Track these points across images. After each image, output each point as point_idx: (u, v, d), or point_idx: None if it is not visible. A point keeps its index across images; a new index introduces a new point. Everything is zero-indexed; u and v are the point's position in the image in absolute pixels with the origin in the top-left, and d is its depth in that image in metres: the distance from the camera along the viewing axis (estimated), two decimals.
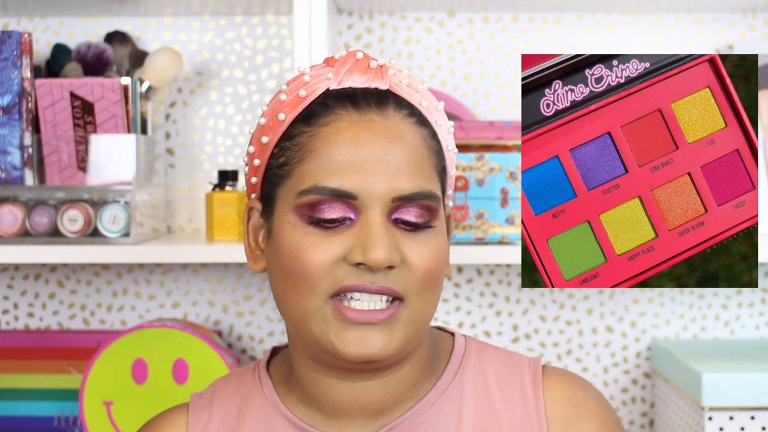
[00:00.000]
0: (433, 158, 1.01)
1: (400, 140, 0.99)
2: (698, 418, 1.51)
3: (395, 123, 0.99)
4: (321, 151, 0.98)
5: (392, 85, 1.01)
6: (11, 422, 1.76)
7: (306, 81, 1.02)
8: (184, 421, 1.09)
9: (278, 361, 1.10)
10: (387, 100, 1.00)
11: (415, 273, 0.98)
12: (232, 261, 1.55)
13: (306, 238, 0.97)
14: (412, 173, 0.98)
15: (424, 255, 0.98)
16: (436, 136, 1.03)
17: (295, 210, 0.98)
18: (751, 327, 1.81)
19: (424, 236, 0.99)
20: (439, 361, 1.07)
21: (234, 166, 1.80)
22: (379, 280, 0.97)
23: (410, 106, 1.01)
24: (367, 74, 1.01)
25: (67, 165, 1.59)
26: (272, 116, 1.02)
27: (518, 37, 1.80)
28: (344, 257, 0.97)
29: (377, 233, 0.96)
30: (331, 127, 0.99)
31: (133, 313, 1.82)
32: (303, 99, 1.01)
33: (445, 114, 1.06)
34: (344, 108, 0.99)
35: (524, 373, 1.07)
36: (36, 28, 1.81)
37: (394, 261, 0.96)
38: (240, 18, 1.81)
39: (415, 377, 1.04)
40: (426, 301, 0.99)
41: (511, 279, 1.81)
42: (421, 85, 1.04)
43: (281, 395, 1.07)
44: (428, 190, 0.99)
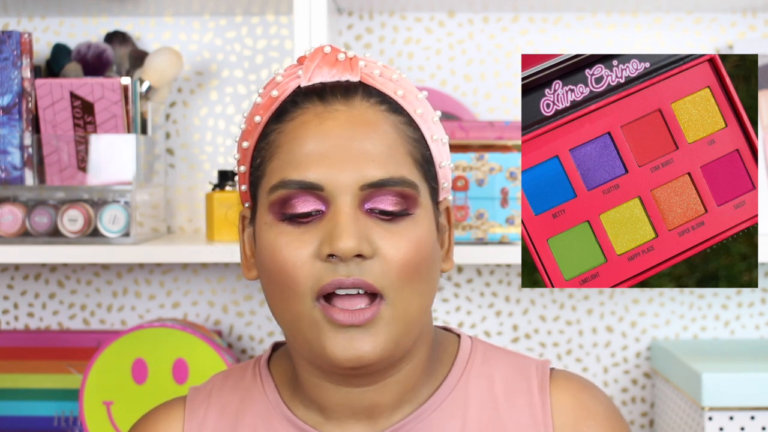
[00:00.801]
0: (407, 145, 0.98)
1: (367, 127, 0.97)
2: (698, 418, 1.51)
3: (362, 111, 0.98)
4: (287, 146, 0.97)
5: (363, 76, 1.00)
6: (11, 422, 1.76)
7: (278, 81, 1.01)
8: (180, 416, 1.07)
9: (279, 358, 1.09)
10: (355, 91, 0.99)
11: (391, 265, 0.95)
12: (232, 261, 1.55)
13: (280, 237, 0.96)
14: (381, 160, 0.96)
15: (400, 245, 0.95)
16: (413, 124, 1.00)
17: (269, 208, 0.97)
18: (751, 327, 1.81)
19: (401, 226, 0.96)
20: (442, 363, 1.05)
21: (234, 166, 1.80)
22: (353, 272, 0.94)
23: (381, 95, 0.99)
24: (336, 67, 0.99)
25: (67, 165, 1.59)
26: (250, 120, 1.02)
27: (518, 37, 1.80)
28: (317, 254, 0.95)
29: (344, 222, 0.94)
30: (296, 121, 0.98)
31: (133, 313, 1.82)
32: (275, 99, 1.00)
33: (429, 103, 1.03)
34: (311, 102, 0.98)
35: (531, 377, 1.05)
36: (36, 28, 1.81)
37: (363, 250, 0.94)
38: (240, 18, 1.81)
39: (414, 379, 1.03)
40: (408, 298, 0.96)
41: (511, 279, 1.81)
42: (396, 74, 1.02)
43: (284, 395, 1.06)
44: (400, 176, 0.96)
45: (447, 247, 1.05)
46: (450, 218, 1.05)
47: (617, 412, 1.06)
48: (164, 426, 1.08)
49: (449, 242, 1.05)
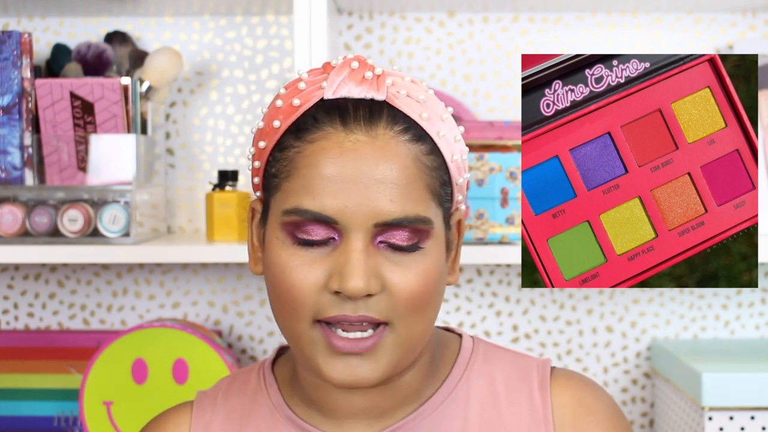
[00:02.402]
0: (426, 178, 0.97)
1: (387, 162, 0.95)
2: (698, 418, 1.51)
3: (384, 142, 0.95)
4: (304, 171, 0.96)
5: (389, 96, 0.97)
6: (11, 422, 1.76)
7: (301, 89, 0.99)
8: (187, 419, 1.08)
9: (284, 360, 1.09)
10: (380, 114, 0.96)
11: (398, 299, 0.95)
12: (232, 261, 1.55)
13: (292, 258, 0.95)
14: (397, 197, 0.94)
15: (409, 280, 0.95)
16: (435, 150, 0.98)
17: (283, 227, 0.96)
18: (751, 327, 1.81)
19: (410, 259, 0.95)
20: (444, 363, 1.06)
21: (234, 166, 1.80)
22: (359, 309, 0.94)
23: (406, 120, 0.97)
24: (362, 85, 0.97)
25: (67, 165, 1.58)
26: (269, 122, 1.00)
27: (518, 37, 1.80)
28: (325, 285, 0.95)
29: (355, 261, 0.93)
30: (316, 146, 0.96)
31: (133, 313, 1.82)
32: (297, 108, 0.98)
33: (453, 120, 1.01)
34: (332, 125, 0.96)
35: (532, 376, 1.05)
36: (36, 28, 1.81)
37: (372, 290, 0.94)
38: (240, 18, 1.80)
39: (417, 383, 1.03)
40: (414, 325, 0.96)
41: (511, 279, 1.81)
42: (424, 94, 0.99)
43: (286, 396, 1.06)
44: (415, 214, 0.95)
45: (453, 259, 1.04)
46: (461, 230, 1.04)
47: (618, 409, 1.06)
48: (173, 428, 1.08)
49: (456, 254, 1.04)
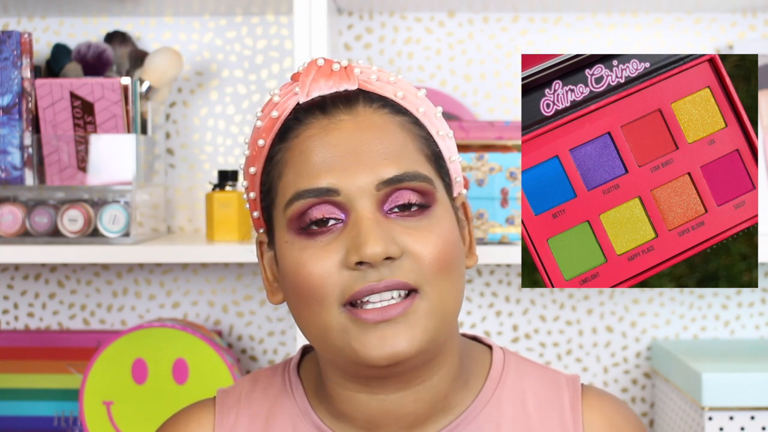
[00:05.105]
0: (417, 142, 0.98)
1: (374, 131, 0.96)
2: (698, 418, 1.51)
3: (366, 117, 0.97)
4: (295, 161, 0.96)
5: (361, 83, 0.99)
6: (11, 422, 1.76)
7: (276, 102, 1.00)
8: (210, 420, 1.06)
9: (309, 362, 1.07)
10: (356, 98, 0.98)
11: (422, 261, 0.94)
12: (232, 261, 1.55)
13: (303, 252, 0.95)
14: (393, 159, 0.95)
15: (428, 241, 0.94)
16: (418, 122, 1.00)
17: (288, 226, 0.96)
18: (751, 327, 1.81)
19: (423, 223, 0.95)
20: (475, 376, 1.04)
21: (234, 166, 1.80)
22: (385, 276, 0.93)
23: (382, 99, 0.99)
24: (332, 79, 0.99)
25: (67, 165, 1.59)
26: (253, 145, 1.01)
27: (518, 37, 1.80)
28: (344, 263, 0.94)
29: (367, 227, 0.93)
30: (301, 137, 0.97)
31: (133, 313, 1.82)
32: (276, 120, 0.99)
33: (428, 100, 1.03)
34: (314, 116, 0.98)
35: (563, 394, 1.05)
36: (36, 28, 1.81)
37: (391, 252, 0.93)
38: (240, 18, 1.81)
39: (446, 387, 1.01)
40: (444, 290, 0.95)
41: (511, 279, 1.81)
42: (393, 76, 1.01)
43: (312, 402, 1.04)
44: (414, 170, 0.96)
45: (469, 242, 1.04)
46: (467, 213, 1.04)
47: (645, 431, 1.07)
48: (195, 427, 1.06)
49: (470, 237, 1.04)
